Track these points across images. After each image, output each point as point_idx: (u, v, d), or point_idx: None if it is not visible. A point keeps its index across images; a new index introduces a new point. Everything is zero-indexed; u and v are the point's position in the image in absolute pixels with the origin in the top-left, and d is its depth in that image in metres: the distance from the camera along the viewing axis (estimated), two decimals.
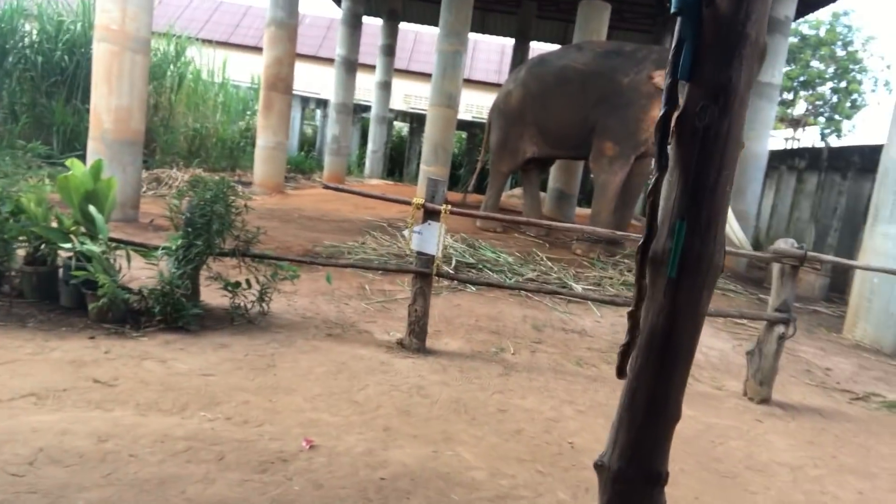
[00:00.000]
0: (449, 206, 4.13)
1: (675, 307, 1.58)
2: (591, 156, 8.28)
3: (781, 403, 4.18)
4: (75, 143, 10.41)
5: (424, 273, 4.21)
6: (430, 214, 4.13)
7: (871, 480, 3.20)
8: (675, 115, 1.56)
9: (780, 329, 3.99)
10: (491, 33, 21.21)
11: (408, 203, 4.17)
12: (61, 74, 11.16)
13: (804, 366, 5.30)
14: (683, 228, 1.53)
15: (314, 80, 24.83)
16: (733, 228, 8.08)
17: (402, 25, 22.41)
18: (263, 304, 4.50)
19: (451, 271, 6.36)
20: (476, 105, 26.21)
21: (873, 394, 4.75)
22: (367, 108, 20.58)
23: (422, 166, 10.82)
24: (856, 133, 26.77)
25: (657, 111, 7.94)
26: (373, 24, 21.67)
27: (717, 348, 5.49)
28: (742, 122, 1.55)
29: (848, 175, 10.73)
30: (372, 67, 19.75)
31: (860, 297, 6.17)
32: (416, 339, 4.27)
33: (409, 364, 4.03)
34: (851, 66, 27.87)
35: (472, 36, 27.32)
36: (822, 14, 27.88)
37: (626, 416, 1.69)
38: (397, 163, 21.41)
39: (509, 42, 21.48)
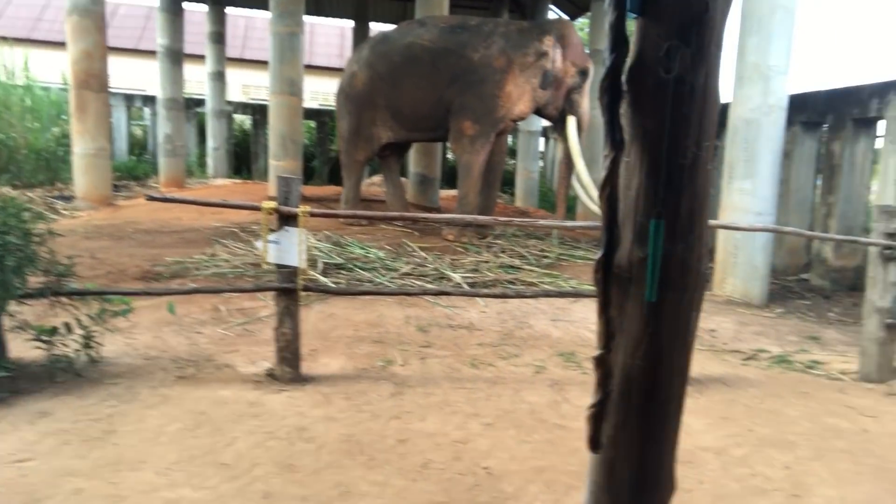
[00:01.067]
0: (308, 209, 3.51)
1: (657, 342, 1.16)
2: (450, 137, 7.91)
3: None
4: None
5: (288, 289, 3.59)
6: (287, 219, 3.49)
7: (792, 451, 3.08)
8: (627, 66, 1.14)
9: None
10: (327, 15, 20.26)
11: (256, 209, 3.50)
12: None
13: None
14: (661, 230, 1.11)
15: (138, 76, 22.50)
16: (594, 196, 8.12)
17: (231, 11, 20.87)
18: (91, 352, 3.65)
19: (320, 277, 5.72)
20: (322, 92, 25.11)
21: (760, 350, 4.82)
22: (201, 103, 18.95)
23: (271, 161, 9.93)
24: None
25: (512, 86, 7.74)
26: (198, 12, 19.94)
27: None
28: (719, 70, 1.16)
29: None
30: (202, 58, 18.16)
31: (725, 254, 6.35)
32: (289, 368, 3.65)
33: (285, 400, 3.41)
34: None
35: (309, 19, 26.07)
36: None
37: (605, 497, 1.25)
38: (243, 159, 19.98)
39: (349, 24, 20.67)
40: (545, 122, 12.05)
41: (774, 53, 5.89)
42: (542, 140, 17.08)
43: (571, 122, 7.84)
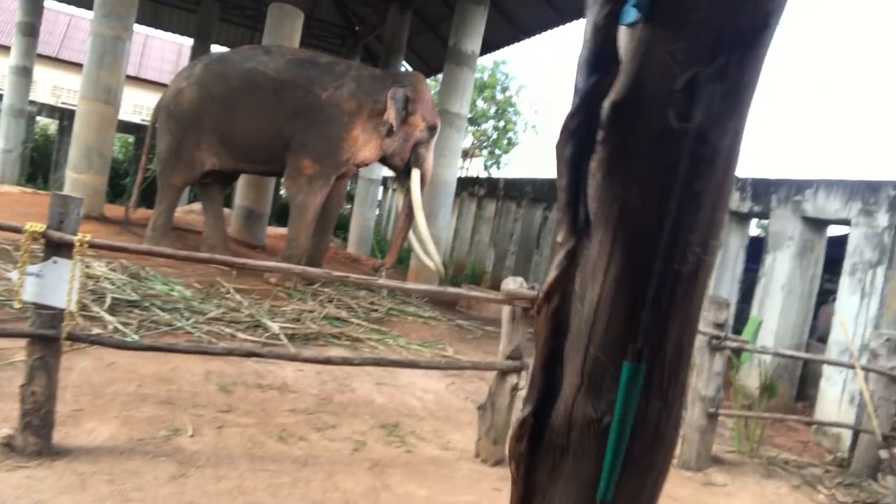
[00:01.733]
0: (87, 237, 2.77)
1: None
2: (286, 173, 7.32)
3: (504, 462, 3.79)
4: None
5: (47, 337, 2.78)
6: (58, 248, 2.73)
7: None
8: (609, 102, 0.75)
9: (512, 379, 3.57)
10: (166, 29, 18.79)
11: (16, 230, 2.70)
12: None
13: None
14: (639, 379, 0.70)
15: None
16: (430, 252, 7.91)
17: (53, 5, 18.68)
18: None
19: (105, 315, 4.78)
20: (147, 107, 23.07)
21: None
22: None
23: (69, 173, 8.60)
24: (510, 166, 30.58)
25: (359, 131, 7.35)
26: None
27: (432, 390, 5.00)
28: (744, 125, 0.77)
29: (522, 203, 11.67)
30: (6, 49, 15.87)
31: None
32: (36, 437, 2.80)
33: (20, 482, 2.57)
34: (508, 108, 31.91)
35: (145, 30, 24.14)
36: (485, 60, 31.43)
37: None
38: (42, 166, 17.56)
39: (188, 42, 19.31)
40: (386, 172, 11.85)
41: None
42: (380, 188, 16.90)
43: (416, 175, 7.63)
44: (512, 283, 3.52)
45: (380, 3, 14.48)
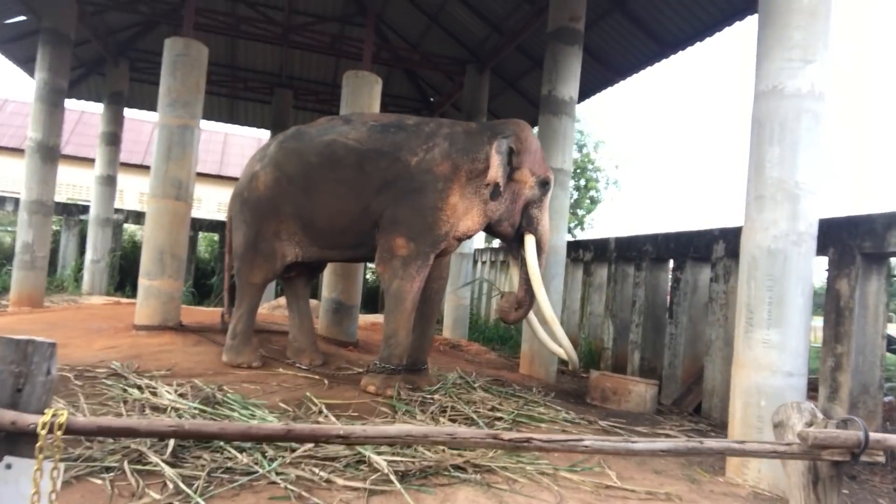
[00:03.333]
0: (62, 415, 1.52)
1: None
2: (377, 256, 6.13)
3: None
4: None
5: None
6: (11, 440, 1.50)
7: None
8: None
9: None
10: (242, 123, 18.82)
11: None
12: None
13: None
14: None
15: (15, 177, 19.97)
16: (559, 337, 6.41)
17: (135, 114, 19.13)
18: None
19: (166, 469, 3.56)
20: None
21: None
22: (87, 209, 16.63)
23: (141, 280, 7.79)
24: (595, 226, 28.94)
25: (457, 197, 5.44)
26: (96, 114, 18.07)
27: None
28: None
29: (642, 265, 10.06)
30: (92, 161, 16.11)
31: (746, 426, 4.69)
32: None
33: None
34: (588, 167, 30.55)
35: (223, 128, 24.67)
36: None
37: None
38: (130, 273, 17.39)
39: (267, 135, 19.29)
40: (478, 244, 10.61)
41: (803, 168, 4.60)
42: (471, 263, 15.69)
43: (530, 241, 6.28)
44: (796, 414, 2.01)
45: (454, 68, 13.70)
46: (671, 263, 9.74)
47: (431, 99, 16.71)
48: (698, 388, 8.64)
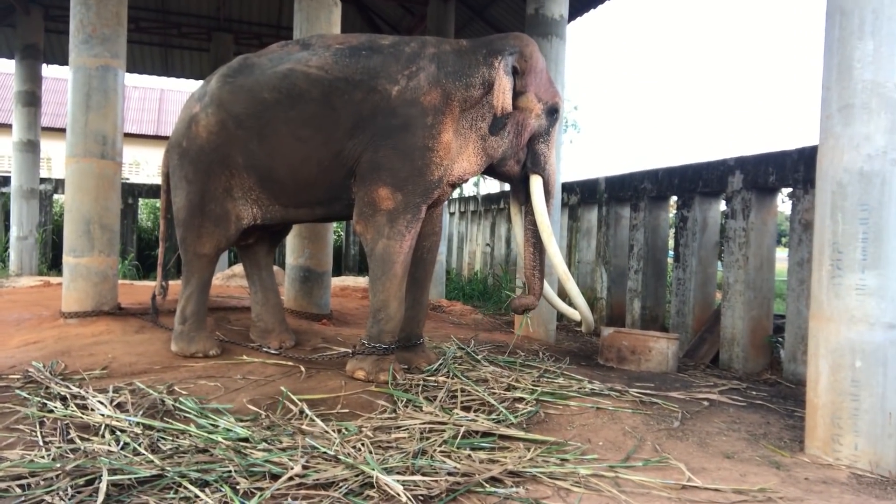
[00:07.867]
0: None
1: None
2: (356, 212, 4.95)
3: None
4: None
5: None
6: None
7: None
8: None
9: None
10: (179, 76, 17.00)
11: None
12: None
13: None
14: None
15: None
16: (573, 294, 5.41)
17: (61, 72, 17.09)
18: None
19: None
20: None
21: None
22: (7, 181, 14.88)
23: (65, 258, 6.44)
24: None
25: (450, 134, 3.04)
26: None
27: None
28: None
29: (640, 206, 9.12)
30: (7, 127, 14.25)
31: (837, 393, 3.81)
32: None
33: None
34: None
35: (159, 82, 22.59)
36: None
37: None
38: None
39: None
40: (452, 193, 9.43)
41: None
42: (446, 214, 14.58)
43: (536, 183, 5.19)
44: None
45: (414, 2, 12.30)
46: (673, 202, 8.85)
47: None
48: (713, 338, 7.85)
